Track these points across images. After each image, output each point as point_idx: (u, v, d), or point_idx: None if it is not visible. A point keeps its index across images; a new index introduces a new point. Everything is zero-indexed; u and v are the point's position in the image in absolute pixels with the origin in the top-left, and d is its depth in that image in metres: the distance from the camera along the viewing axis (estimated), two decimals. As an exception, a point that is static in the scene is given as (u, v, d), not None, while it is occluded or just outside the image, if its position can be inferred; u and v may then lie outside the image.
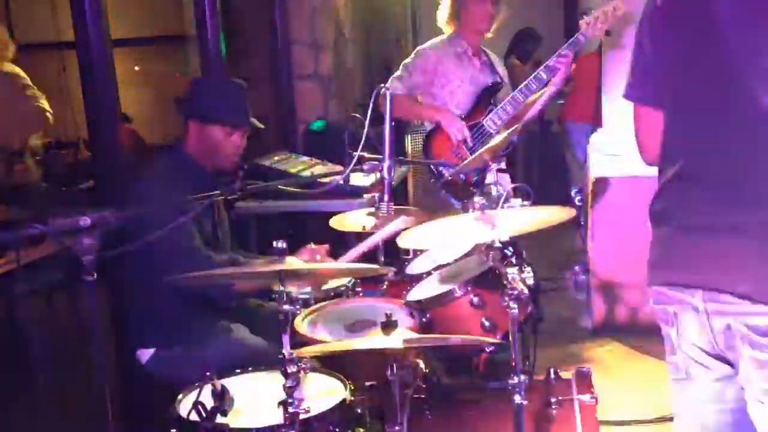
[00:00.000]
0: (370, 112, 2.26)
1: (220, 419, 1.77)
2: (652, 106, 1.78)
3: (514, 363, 1.99)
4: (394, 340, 1.82)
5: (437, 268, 2.68)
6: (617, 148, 4.05)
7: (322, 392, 1.96)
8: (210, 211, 2.62)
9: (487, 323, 2.35)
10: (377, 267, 2.56)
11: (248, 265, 2.54)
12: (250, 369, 2.12)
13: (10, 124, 4.38)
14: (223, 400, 1.76)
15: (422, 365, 2.32)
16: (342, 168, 3.11)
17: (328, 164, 4.04)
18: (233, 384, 1.93)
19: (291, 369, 1.73)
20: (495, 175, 2.77)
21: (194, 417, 1.77)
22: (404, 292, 2.57)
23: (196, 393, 1.82)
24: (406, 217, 2.43)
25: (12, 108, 4.39)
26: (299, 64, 5.18)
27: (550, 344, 3.68)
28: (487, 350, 2.42)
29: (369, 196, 3.56)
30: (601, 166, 4.17)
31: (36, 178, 4.58)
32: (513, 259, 2.56)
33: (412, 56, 3.68)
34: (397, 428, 1.97)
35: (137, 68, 7.57)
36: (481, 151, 2.78)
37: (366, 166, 2.49)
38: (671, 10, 1.69)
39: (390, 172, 2.34)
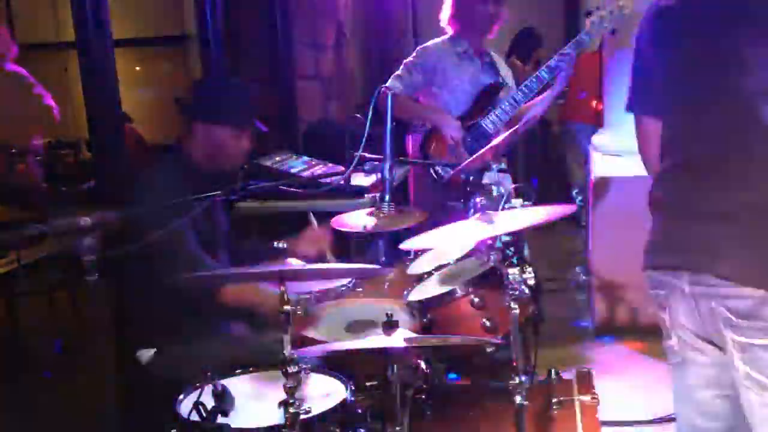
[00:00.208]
0: (370, 112, 2.26)
1: (221, 419, 1.77)
2: (653, 116, 1.85)
3: (515, 363, 1.99)
4: (394, 340, 1.82)
5: (438, 268, 2.67)
6: (618, 148, 4.04)
7: (323, 392, 1.95)
8: (209, 212, 2.62)
9: (488, 323, 2.35)
10: (378, 267, 2.56)
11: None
12: (251, 369, 2.11)
13: (16, 122, 4.38)
14: (224, 401, 1.76)
15: (423, 365, 2.33)
16: (343, 168, 3.12)
17: (329, 164, 4.04)
18: (234, 384, 1.93)
19: (292, 369, 1.73)
20: (496, 175, 2.77)
21: (195, 417, 1.77)
22: (405, 292, 2.57)
23: (196, 393, 1.81)
24: None
25: (18, 107, 4.39)
26: (300, 64, 5.18)
27: (551, 345, 3.67)
28: (488, 350, 2.42)
29: (370, 196, 3.56)
30: (602, 166, 4.17)
31: (37, 179, 4.58)
32: (514, 260, 2.55)
33: (413, 55, 3.67)
34: (397, 428, 1.96)
35: (138, 68, 7.57)
36: (482, 151, 2.77)
37: (367, 167, 2.50)
38: (672, 17, 1.79)
39: (391, 173, 2.34)
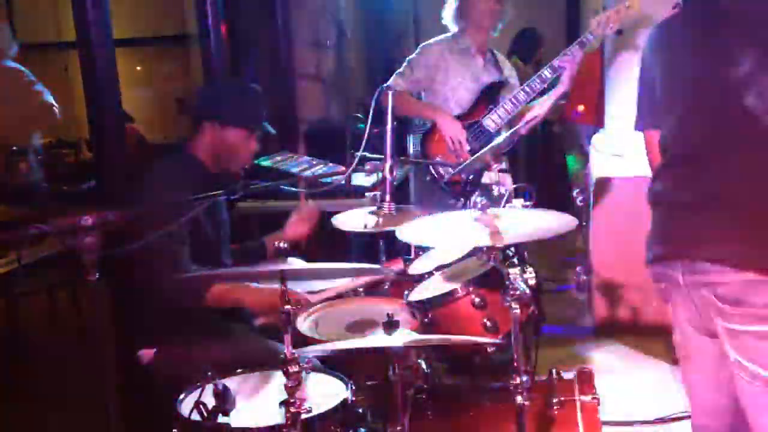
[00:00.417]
0: (371, 112, 2.25)
1: (222, 419, 1.77)
2: (652, 129, 1.94)
3: (515, 363, 1.99)
4: (395, 340, 1.82)
5: (439, 268, 2.67)
6: (619, 148, 4.04)
7: (324, 392, 1.96)
8: (212, 211, 2.62)
9: (488, 323, 2.35)
10: (379, 267, 2.56)
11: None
12: (252, 369, 2.11)
13: (17, 120, 4.38)
14: (225, 400, 1.76)
15: (424, 365, 2.33)
16: (343, 168, 3.12)
17: (330, 164, 4.04)
18: (235, 384, 1.93)
19: (293, 369, 1.73)
20: (497, 175, 2.77)
21: (196, 417, 1.77)
22: (406, 292, 2.57)
23: (197, 393, 1.81)
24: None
25: (18, 104, 4.39)
26: (300, 64, 5.18)
27: (552, 345, 3.67)
28: (489, 350, 2.42)
29: (371, 195, 3.56)
30: (603, 166, 4.16)
31: (38, 178, 4.57)
32: (515, 260, 2.55)
33: (416, 52, 3.66)
34: (398, 428, 1.96)
35: (139, 68, 7.57)
36: (483, 151, 2.77)
37: (368, 166, 2.50)
38: (665, 27, 1.94)
39: (392, 172, 2.34)
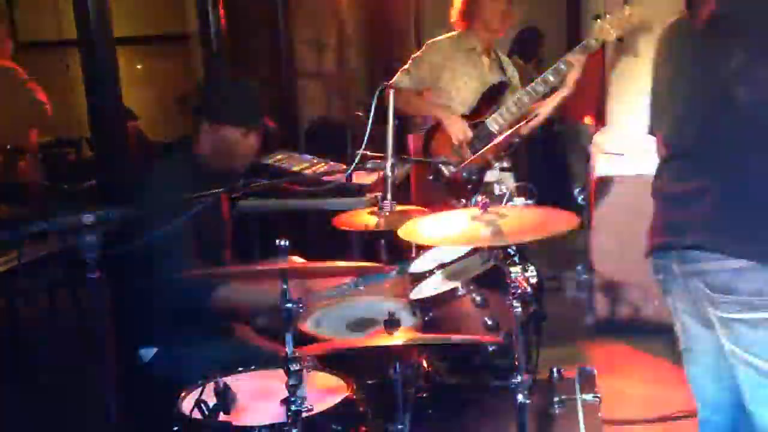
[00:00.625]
0: (372, 110, 2.25)
1: (223, 417, 1.77)
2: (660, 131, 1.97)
3: (517, 362, 1.99)
4: (396, 339, 1.82)
5: (440, 266, 2.67)
6: (620, 146, 4.04)
7: (325, 390, 1.95)
8: (213, 210, 2.62)
9: (489, 322, 2.35)
10: (380, 266, 2.55)
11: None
12: (253, 367, 2.11)
13: (10, 118, 4.39)
14: (226, 398, 1.76)
15: (425, 364, 2.33)
16: (344, 166, 3.12)
17: (331, 163, 4.04)
18: (236, 382, 1.93)
19: (294, 367, 1.73)
20: (498, 173, 2.77)
21: (197, 415, 1.77)
22: (407, 291, 2.57)
23: (198, 391, 1.81)
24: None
25: (9, 103, 4.39)
26: (301, 62, 5.18)
27: (553, 343, 3.67)
28: (490, 349, 2.42)
29: (371, 194, 3.56)
30: (604, 165, 4.16)
31: (38, 176, 4.58)
32: (516, 258, 2.55)
33: (421, 50, 3.66)
34: (399, 427, 1.97)
35: (139, 67, 7.57)
36: (483, 150, 2.77)
37: (368, 165, 2.50)
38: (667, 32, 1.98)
39: (392, 171, 2.34)
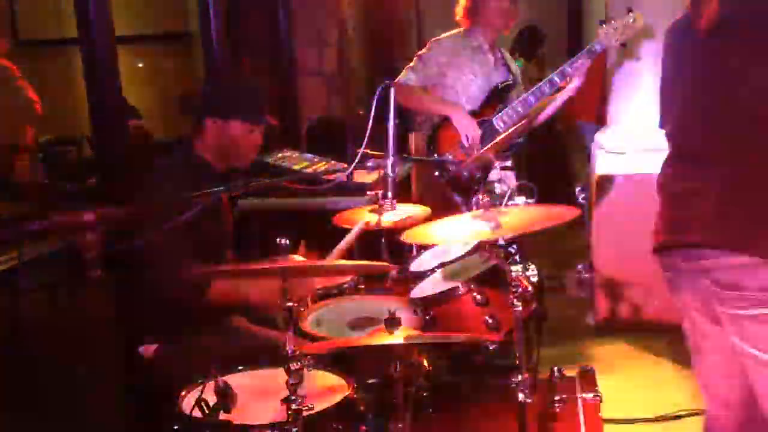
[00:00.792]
0: (373, 109, 2.25)
1: (223, 416, 1.76)
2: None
3: (517, 361, 1.99)
4: (397, 338, 1.82)
5: (441, 265, 2.67)
6: (622, 145, 4.04)
7: (325, 389, 1.95)
8: (214, 208, 2.61)
9: (490, 321, 2.35)
10: (381, 264, 2.55)
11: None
12: (254, 366, 2.11)
13: (5, 116, 4.40)
14: (226, 397, 1.76)
15: (425, 363, 2.33)
16: (345, 165, 3.11)
17: (332, 161, 4.04)
18: (236, 381, 1.92)
19: (294, 366, 1.73)
20: (499, 172, 2.77)
21: (197, 414, 1.77)
22: (408, 290, 2.57)
23: (199, 390, 1.81)
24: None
25: (2, 101, 4.40)
26: (302, 61, 5.18)
27: (554, 342, 3.67)
28: (491, 348, 2.42)
29: (372, 193, 3.55)
30: (605, 164, 4.16)
31: (38, 175, 4.58)
32: (517, 257, 2.55)
33: (426, 47, 3.66)
34: (400, 426, 1.97)
35: (140, 65, 7.57)
36: (484, 149, 2.77)
37: (369, 163, 2.50)
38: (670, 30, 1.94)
39: (393, 169, 2.34)
